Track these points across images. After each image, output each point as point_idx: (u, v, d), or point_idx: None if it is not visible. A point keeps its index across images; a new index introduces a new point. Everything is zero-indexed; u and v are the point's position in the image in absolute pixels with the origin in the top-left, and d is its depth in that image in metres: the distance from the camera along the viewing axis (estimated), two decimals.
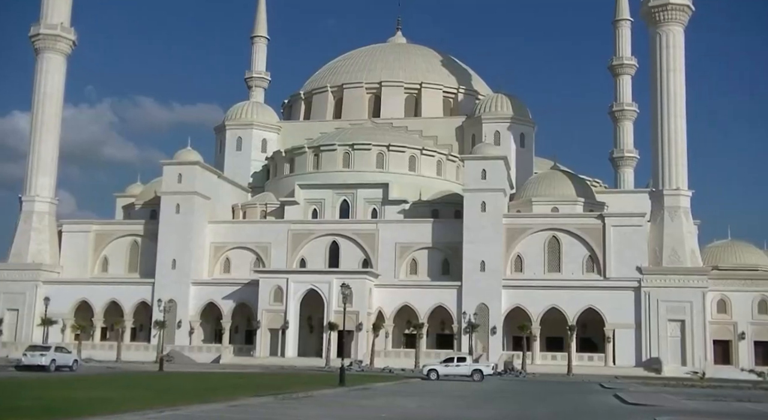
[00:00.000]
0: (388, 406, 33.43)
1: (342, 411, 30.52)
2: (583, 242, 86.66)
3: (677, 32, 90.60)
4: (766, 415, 32.81)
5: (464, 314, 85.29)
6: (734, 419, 28.87)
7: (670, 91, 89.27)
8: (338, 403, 34.04)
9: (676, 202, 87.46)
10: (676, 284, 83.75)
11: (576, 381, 63.93)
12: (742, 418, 29.68)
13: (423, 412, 30.44)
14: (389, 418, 28.22)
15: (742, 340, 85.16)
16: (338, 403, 34.48)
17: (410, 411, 31.08)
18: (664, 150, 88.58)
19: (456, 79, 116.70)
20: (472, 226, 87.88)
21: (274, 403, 33.12)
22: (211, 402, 30.66)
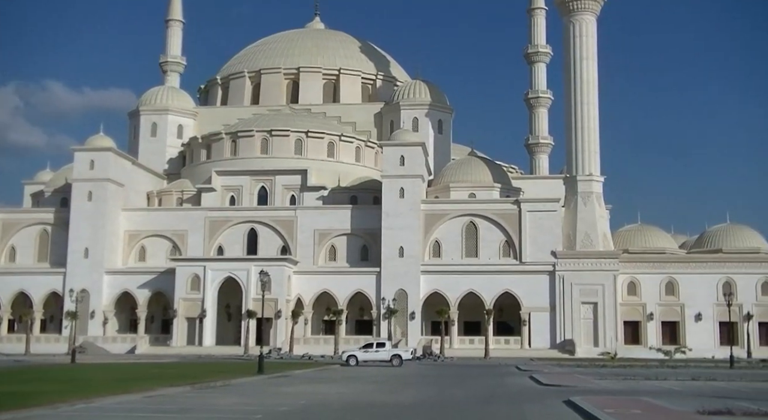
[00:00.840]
0: (307, 393, 33.36)
1: (261, 399, 30.30)
2: (499, 227, 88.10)
3: (590, 21, 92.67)
4: (672, 391, 34.02)
5: (383, 300, 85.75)
6: (642, 396, 29.82)
7: (583, 79, 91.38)
8: (257, 391, 33.79)
9: (588, 187, 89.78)
10: (588, 268, 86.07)
11: (493, 364, 65.05)
12: (650, 395, 30.69)
13: (342, 398, 30.48)
14: (308, 404, 28.17)
15: (650, 320, 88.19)
16: (257, 391, 34.23)
17: (330, 397, 31.08)
18: (578, 137, 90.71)
19: (374, 66, 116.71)
20: (390, 212, 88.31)
21: (191, 392, 32.65)
22: (125, 393, 30.01)
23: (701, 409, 24.05)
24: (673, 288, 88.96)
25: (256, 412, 25.08)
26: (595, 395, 30.39)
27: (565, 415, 25.11)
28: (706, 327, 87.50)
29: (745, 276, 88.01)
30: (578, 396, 29.29)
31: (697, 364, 61.84)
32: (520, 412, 25.78)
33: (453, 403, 29.07)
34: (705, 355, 78.21)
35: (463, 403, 29.30)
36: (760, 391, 35.25)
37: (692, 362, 65.34)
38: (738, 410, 23.99)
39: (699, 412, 23.64)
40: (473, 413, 25.78)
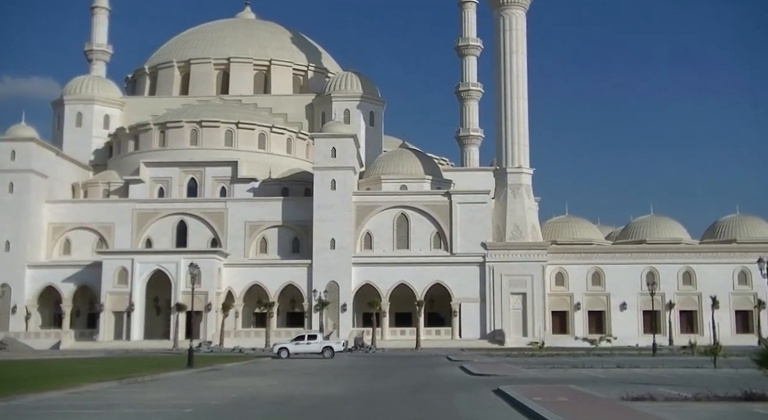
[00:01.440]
0: (237, 386, 33.07)
1: (190, 393, 29.91)
2: (430, 219, 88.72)
3: (519, 15, 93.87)
4: (597, 379, 34.82)
5: (314, 292, 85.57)
6: (569, 384, 30.44)
7: (512, 73, 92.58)
8: (187, 385, 33.34)
9: (518, 179, 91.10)
10: (518, 259, 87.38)
11: (424, 355, 65.53)
12: (577, 383, 31.34)
13: (273, 391, 30.31)
14: (239, 397, 27.93)
15: (577, 310, 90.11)
16: (187, 385, 33.78)
17: (260, 390, 30.87)
18: (507, 130, 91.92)
19: (306, 57, 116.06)
20: (322, 204, 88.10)
21: (118, 388, 32.03)
22: (49, 390, 29.22)
23: (625, 395, 24.68)
24: (600, 278, 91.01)
25: (186, 406, 24.74)
26: (524, 384, 30.89)
27: (495, 403, 25.46)
28: (630, 316, 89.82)
29: (667, 266, 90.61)
30: (507, 385, 29.74)
31: (622, 352, 63.36)
32: (450, 402, 26.04)
33: (384, 394, 29.19)
34: (629, 343, 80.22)
35: (394, 393, 29.45)
36: (681, 376, 36.34)
37: (617, 350, 66.91)
38: (659, 396, 24.69)
39: (623, 399, 24.25)
40: (404, 403, 25.94)
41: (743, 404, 23.11)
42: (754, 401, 23.32)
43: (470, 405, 25.18)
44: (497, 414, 22.87)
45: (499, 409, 24.07)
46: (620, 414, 21.33)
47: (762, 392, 23.88)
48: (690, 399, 24.15)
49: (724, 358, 45.82)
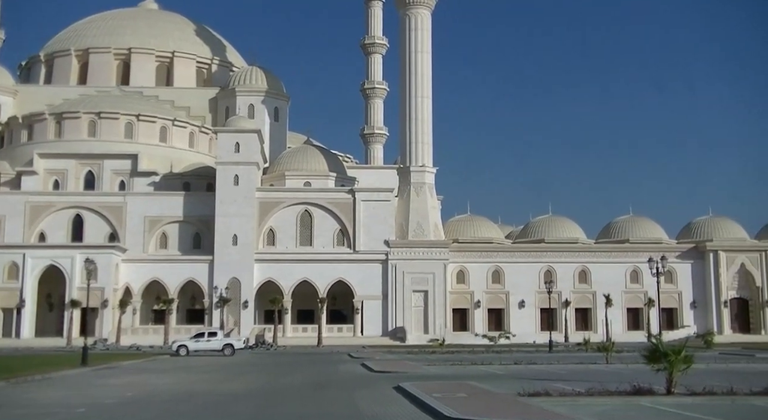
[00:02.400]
0: (134, 384, 32.29)
1: (84, 392, 29.02)
2: (334, 216, 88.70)
3: (425, 15, 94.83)
4: (495, 375, 35.57)
5: (216, 288, 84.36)
6: (468, 381, 30.96)
7: (417, 72, 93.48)
8: (80, 384, 32.34)
9: (421, 178, 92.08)
10: (420, 257, 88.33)
11: (326, 352, 65.51)
12: (475, 379, 31.92)
13: (171, 389, 29.73)
14: (136, 396, 27.27)
15: (477, 307, 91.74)
16: (80, 383, 32.76)
17: (158, 388, 30.24)
18: (411, 128, 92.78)
19: (210, 50, 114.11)
20: (224, 199, 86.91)
21: (6, 387, 30.78)
22: None
23: (522, 391, 25.27)
24: (499, 276, 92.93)
25: (79, 406, 24.00)
26: (424, 380, 31.26)
27: (395, 400, 25.67)
28: (528, 313, 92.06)
29: (564, 265, 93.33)
30: (407, 381, 30.05)
31: (520, 349, 64.84)
32: (350, 398, 26.11)
33: (284, 391, 29.04)
34: (527, 340, 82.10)
35: (294, 390, 29.34)
36: (575, 372, 37.49)
37: (515, 347, 68.40)
38: (554, 391, 25.38)
39: (519, 394, 24.84)
40: (304, 400, 25.86)
41: (632, 398, 24.02)
42: (642, 395, 24.27)
43: (371, 401, 25.30)
44: (397, 410, 23.05)
45: (399, 405, 24.28)
46: (516, 409, 21.82)
47: (650, 386, 24.87)
48: (583, 394, 24.92)
49: (616, 354, 47.51)
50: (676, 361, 24.70)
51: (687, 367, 25.00)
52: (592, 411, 21.66)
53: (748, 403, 23.58)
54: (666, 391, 24.61)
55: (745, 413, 21.37)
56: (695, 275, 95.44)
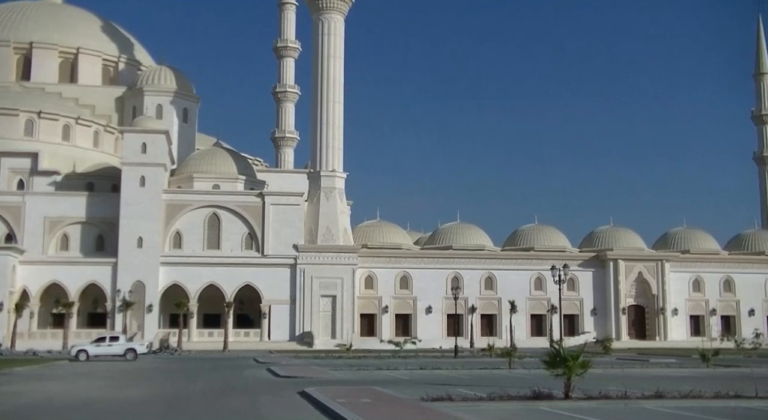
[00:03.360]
0: (28, 391, 31.15)
1: None
2: (242, 220, 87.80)
3: (338, 20, 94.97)
4: (401, 380, 35.82)
5: (119, 292, 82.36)
6: (373, 386, 31.08)
7: (329, 77, 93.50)
8: None
9: (331, 183, 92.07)
10: (329, 261, 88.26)
11: (232, 357, 64.68)
12: (380, 384, 32.08)
13: (68, 396, 28.80)
14: (29, 403, 26.33)
15: (385, 313, 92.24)
16: None
17: (55, 395, 29.26)
18: (323, 133, 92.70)
19: (117, 47, 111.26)
20: (130, 201, 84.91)
21: None
22: None
23: (425, 396, 25.53)
24: (407, 282, 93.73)
25: None
26: (329, 386, 31.22)
27: (299, 405, 25.54)
28: (435, 319, 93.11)
29: (470, 271, 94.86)
30: (313, 387, 29.95)
31: (426, 354, 65.40)
32: (254, 404, 25.86)
33: (186, 397, 28.52)
34: (434, 345, 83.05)
35: (197, 396, 28.85)
36: (478, 377, 38.10)
37: (421, 352, 68.91)
38: (457, 396, 25.75)
39: (423, 399, 25.08)
40: (207, 407, 25.47)
41: (532, 402, 24.58)
42: (541, 399, 24.87)
43: (274, 407, 25.12)
44: (300, 416, 22.96)
45: (302, 410, 24.18)
46: (419, 414, 22.03)
47: (549, 391, 25.49)
48: (485, 399, 25.36)
49: (518, 359, 48.47)
50: (574, 367, 25.42)
51: (584, 371, 25.77)
52: (493, 415, 22.06)
53: (640, 406, 24.47)
54: (564, 396, 25.28)
55: (636, 415, 22.14)
56: (596, 283, 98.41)
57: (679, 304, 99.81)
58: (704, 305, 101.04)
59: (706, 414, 22.66)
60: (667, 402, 25.04)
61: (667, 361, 54.07)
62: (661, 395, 25.78)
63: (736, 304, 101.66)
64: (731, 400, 25.62)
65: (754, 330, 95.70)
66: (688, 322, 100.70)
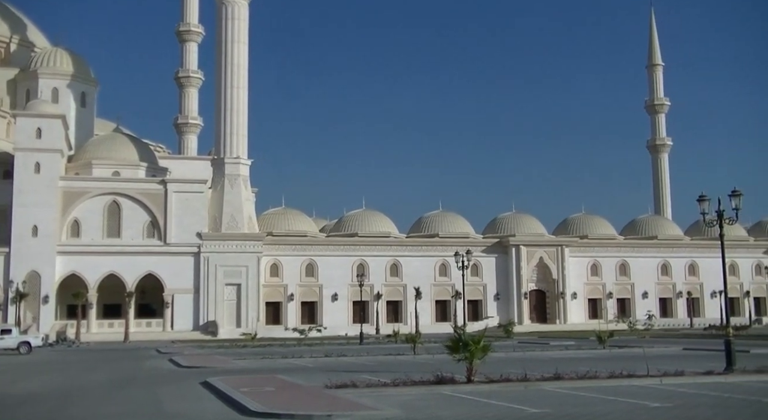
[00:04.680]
0: None
1: None
2: (144, 207, 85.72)
3: (242, 5, 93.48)
4: (306, 368, 35.73)
5: (11, 283, 79.21)
6: (278, 374, 30.90)
7: (233, 63, 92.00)
8: None
9: (236, 170, 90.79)
10: (233, 250, 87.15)
11: (133, 347, 63.25)
12: (285, 372, 31.94)
13: None
14: None
15: (291, 301, 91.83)
16: None
17: None
18: (227, 119, 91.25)
19: (8, 27, 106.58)
20: (24, 188, 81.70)
21: None
22: None
23: (329, 383, 25.51)
24: (313, 269, 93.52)
25: None
26: (233, 375, 30.87)
27: (201, 395, 25.14)
28: (341, 306, 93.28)
29: (376, 258, 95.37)
30: (215, 376, 29.56)
31: (331, 342, 65.49)
32: (154, 396, 25.30)
33: (84, 390, 27.67)
34: (339, 332, 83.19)
35: (95, 389, 28.03)
36: (383, 363, 38.35)
37: (327, 340, 69.02)
38: (361, 382, 25.83)
39: (327, 387, 25.06)
40: (105, 399, 24.76)
41: (435, 387, 24.88)
42: (444, 384, 25.21)
43: (175, 398, 24.63)
44: (202, 406, 22.57)
45: (204, 401, 23.80)
46: (322, 401, 21.99)
47: (451, 376, 25.87)
48: (389, 384, 25.50)
49: (422, 345, 48.96)
50: (476, 351, 25.84)
51: (485, 355, 26.23)
52: (396, 401, 22.20)
53: (539, 387, 25.10)
54: (466, 380, 25.68)
55: (535, 397, 22.69)
56: (499, 268, 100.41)
57: (578, 287, 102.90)
58: (601, 289, 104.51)
59: (600, 393, 23.40)
60: (564, 383, 25.76)
61: (566, 344, 55.68)
62: (560, 377, 26.51)
63: (631, 287, 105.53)
64: (624, 379, 26.55)
65: (647, 312, 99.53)
66: (587, 305, 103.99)
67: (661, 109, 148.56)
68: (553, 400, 22.25)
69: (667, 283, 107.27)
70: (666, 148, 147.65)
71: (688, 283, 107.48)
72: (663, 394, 23.12)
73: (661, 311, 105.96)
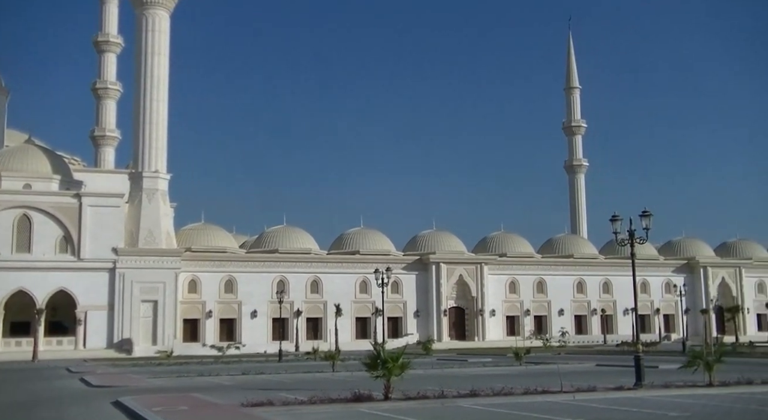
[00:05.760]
0: None
1: None
2: (57, 222, 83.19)
3: (162, 17, 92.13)
4: (222, 386, 35.14)
5: None
6: (193, 393, 30.30)
7: (153, 75, 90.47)
8: None
9: (154, 184, 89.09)
10: (150, 265, 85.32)
11: (42, 367, 61.07)
12: (201, 391, 31.33)
13: None
14: None
15: (209, 317, 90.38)
16: None
17: None
18: (145, 132, 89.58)
19: None
20: None
21: None
22: None
23: (245, 401, 25.15)
24: (232, 286, 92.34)
25: None
26: (146, 394, 30.15)
27: (112, 416, 24.47)
28: (260, 323, 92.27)
29: (296, 275, 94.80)
30: (128, 396, 28.80)
31: (250, 359, 64.71)
32: (61, 417, 24.48)
33: None
34: (259, 350, 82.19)
35: None
36: (301, 381, 38.05)
37: (245, 357, 68.18)
38: (278, 400, 25.54)
39: (243, 405, 24.70)
40: None
41: (352, 405, 24.80)
42: (362, 401, 25.15)
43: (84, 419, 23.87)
44: None
45: None
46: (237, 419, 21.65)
47: (369, 393, 25.83)
48: (306, 402, 25.29)
49: (342, 362, 48.88)
50: (394, 368, 25.88)
51: (402, 372, 26.30)
52: (312, 419, 22.01)
53: (456, 404, 25.27)
54: (384, 397, 25.66)
55: (451, 414, 22.84)
56: (419, 286, 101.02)
57: (497, 305, 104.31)
58: (519, 306, 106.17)
59: (515, 409, 23.70)
60: (481, 399, 26.02)
61: (483, 361, 56.31)
62: (476, 393, 26.78)
63: (548, 304, 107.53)
64: (539, 395, 26.97)
65: (561, 329, 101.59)
66: (505, 323, 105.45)
67: (578, 130, 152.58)
68: (468, 416, 22.44)
69: (582, 300, 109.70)
70: (582, 168, 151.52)
71: (603, 301, 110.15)
72: (575, 410, 23.57)
73: (577, 328, 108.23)
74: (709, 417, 21.50)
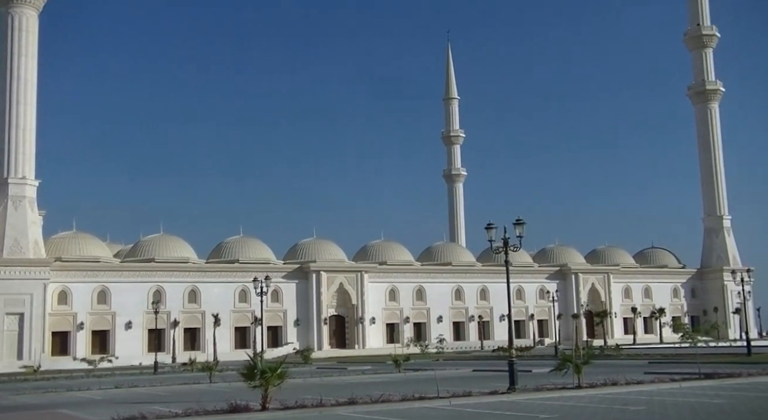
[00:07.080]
0: None
1: None
2: None
3: (31, 16, 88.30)
4: (93, 401, 33.90)
5: None
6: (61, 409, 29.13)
7: (19, 77, 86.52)
8: None
9: (21, 191, 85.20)
10: (16, 276, 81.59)
11: None
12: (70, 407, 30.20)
13: None
14: None
15: (80, 330, 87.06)
16: None
17: None
18: (11, 137, 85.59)
19: None
20: None
21: None
22: None
23: (116, 416, 24.29)
24: (105, 296, 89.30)
25: None
26: (8, 412, 28.73)
27: None
28: (135, 334, 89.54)
29: (173, 284, 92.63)
30: None
31: (123, 372, 62.65)
32: None
33: None
34: (134, 362, 79.82)
35: None
36: (177, 393, 37.17)
37: (119, 370, 65.98)
38: (151, 414, 24.79)
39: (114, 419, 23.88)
40: None
41: (229, 416, 24.39)
42: (238, 412, 24.77)
43: None
44: None
45: None
46: None
47: (246, 404, 25.47)
48: (180, 415, 24.68)
49: (220, 373, 48.04)
50: (271, 378, 25.62)
51: (280, 382, 26.08)
52: None
53: (334, 413, 25.25)
54: (261, 407, 25.36)
55: None
56: (299, 294, 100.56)
57: (377, 312, 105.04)
58: (399, 313, 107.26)
59: (392, 416, 23.91)
60: (359, 407, 26.09)
61: (363, 368, 56.56)
62: (354, 401, 26.85)
63: (427, 311, 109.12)
64: (416, 402, 27.28)
65: (438, 335, 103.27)
66: (385, 330, 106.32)
67: (457, 140, 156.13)
68: None
69: (460, 307, 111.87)
70: (461, 177, 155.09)
71: (480, 307, 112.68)
72: (451, 415, 23.98)
73: (455, 334, 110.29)
74: (576, 418, 22.29)
